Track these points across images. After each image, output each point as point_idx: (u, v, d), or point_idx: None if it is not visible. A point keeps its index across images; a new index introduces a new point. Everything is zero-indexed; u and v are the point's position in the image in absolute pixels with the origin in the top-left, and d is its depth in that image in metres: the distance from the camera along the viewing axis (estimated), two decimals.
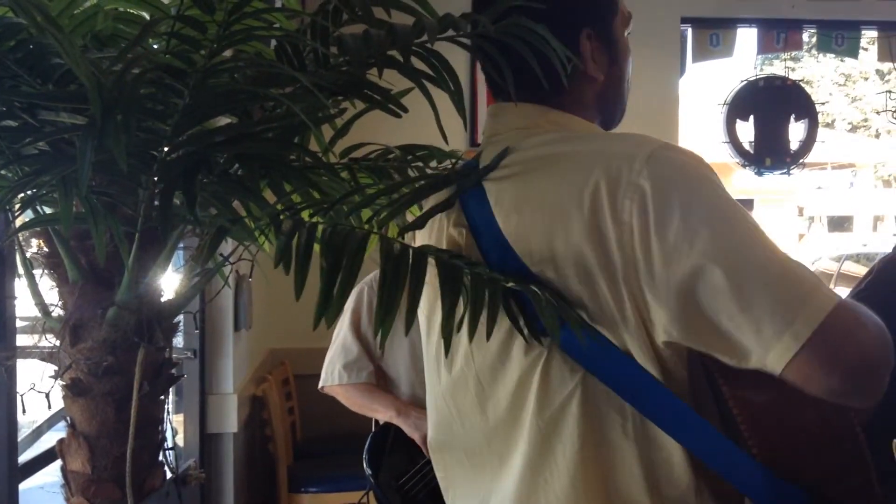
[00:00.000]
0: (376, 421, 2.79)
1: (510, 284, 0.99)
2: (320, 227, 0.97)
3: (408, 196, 1.09)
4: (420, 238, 1.21)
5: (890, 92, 5.05)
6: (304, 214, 1.04)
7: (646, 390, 1.01)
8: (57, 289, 1.24)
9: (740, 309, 0.92)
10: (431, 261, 0.99)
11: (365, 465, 2.67)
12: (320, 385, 2.84)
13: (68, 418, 1.24)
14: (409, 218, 1.16)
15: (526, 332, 1.02)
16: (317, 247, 0.95)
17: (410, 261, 0.96)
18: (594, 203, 0.98)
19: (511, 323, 1.02)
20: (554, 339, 0.99)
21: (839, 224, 24.05)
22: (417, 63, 1.09)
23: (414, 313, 0.98)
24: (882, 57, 4.87)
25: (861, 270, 11.09)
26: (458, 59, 1.11)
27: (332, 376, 2.77)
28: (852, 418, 0.99)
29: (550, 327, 0.96)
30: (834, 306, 0.91)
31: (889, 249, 3.01)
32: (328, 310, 0.93)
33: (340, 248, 0.94)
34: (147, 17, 1.16)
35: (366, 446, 2.69)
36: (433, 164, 1.37)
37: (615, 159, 1.00)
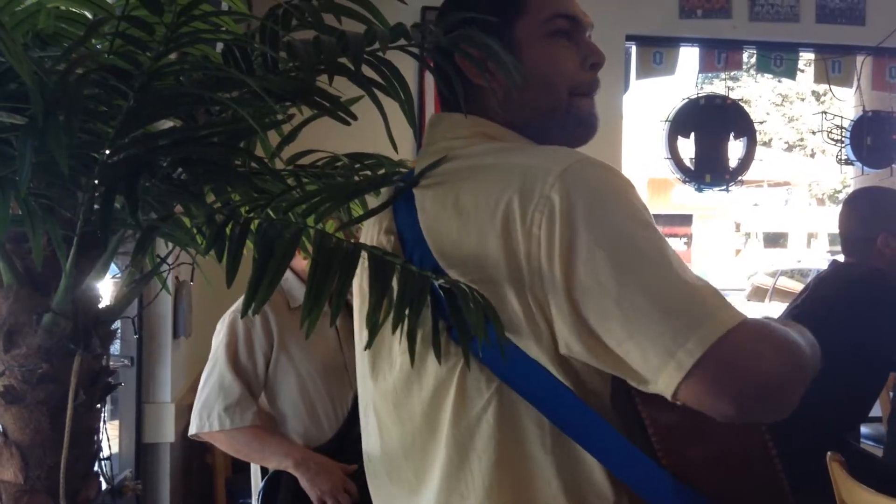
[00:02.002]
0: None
1: (439, 282, 0.99)
2: (255, 222, 0.96)
3: (347, 192, 1.09)
4: None
5: (825, 113, 5.18)
6: (242, 212, 1.03)
7: (558, 400, 1.00)
8: None
9: (628, 335, 0.91)
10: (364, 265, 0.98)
11: None
12: (193, 432, 2.50)
13: (0, 427, 1.20)
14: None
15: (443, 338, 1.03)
16: (251, 244, 0.94)
17: (342, 254, 0.95)
18: (507, 214, 0.98)
19: (428, 325, 1.02)
20: (478, 339, 0.96)
21: (774, 240, 24.67)
22: (368, 71, 1.09)
23: (341, 303, 0.95)
24: (818, 79, 5.00)
25: (795, 286, 11.39)
26: (407, 69, 1.10)
27: (209, 422, 2.44)
28: (766, 438, 1.00)
29: (475, 326, 0.94)
30: (728, 330, 0.88)
31: (823, 266, 3.10)
32: (256, 299, 0.91)
33: (273, 240, 0.93)
34: (90, 16, 1.14)
35: (260, 489, 2.47)
36: (381, 172, 1.37)
37: (531, 173, 0.99)
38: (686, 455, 0.99)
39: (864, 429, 3.71)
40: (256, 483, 2.62)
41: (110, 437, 2.43)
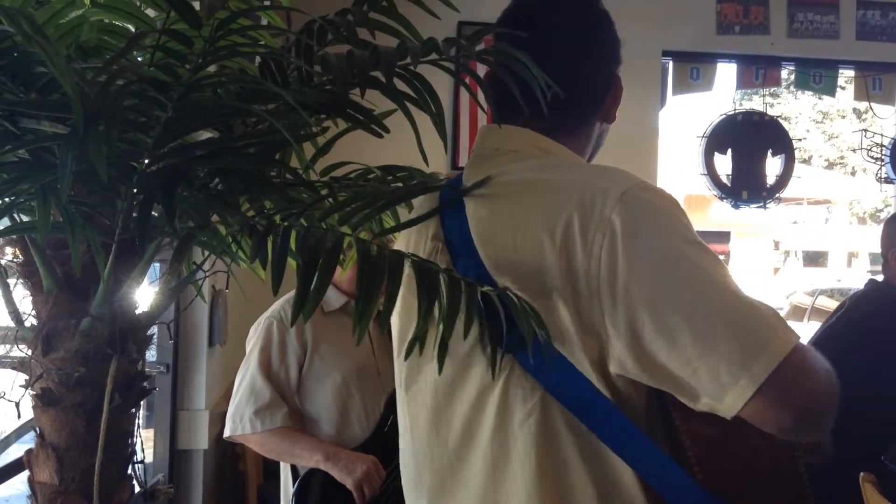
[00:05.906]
0: (293, 465, 2.57)
1: (485, 289, 1.00)
2: (294, 231, 0.98)
3: (385, 200, 1.10)
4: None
5: (866, 130, 5.12)
6: (277, 220, 1.05)
7: (601, 412, 1.03)
8: (31, 298, 1.23)
9: (699, 354, 0.94)
10: (407, 268, 0.99)
11: None
12: (227, 434, 2.56)
13: (37, 429, 1.23)
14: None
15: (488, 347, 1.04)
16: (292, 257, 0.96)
17: (388, 261, 0.97)
18: (566, 232, 1.01)
19: (475, 334, 1.04)
20: (527, 346, 0.99)
21: (814, 259, 24.31)
22: (400, 85, 1.10)
23: (391, 306, 0.98)
24: (859, 96, 4.95)
25: (835, 306, 11.15)
26: (441, 83, 1.12)
27: (241, 425, 2.50)
28: (798, 456, 1.05)
29: (526, 333, 0.96)
30: (790, 351, 0.93)
31: (863, 286, 3.05)
32: (305, 306, 0.93)
33: (315, 247, 0.94)
34: (132, 29, 1.17)
35: (293, 493, 2.49)
36: (414, 183, 1.38)
37: (591, 192, 1.02)
38: (719, 466, 1.03)
39: None
40: (287, 489, 2.64)
41: (145, 444, 2.45)
